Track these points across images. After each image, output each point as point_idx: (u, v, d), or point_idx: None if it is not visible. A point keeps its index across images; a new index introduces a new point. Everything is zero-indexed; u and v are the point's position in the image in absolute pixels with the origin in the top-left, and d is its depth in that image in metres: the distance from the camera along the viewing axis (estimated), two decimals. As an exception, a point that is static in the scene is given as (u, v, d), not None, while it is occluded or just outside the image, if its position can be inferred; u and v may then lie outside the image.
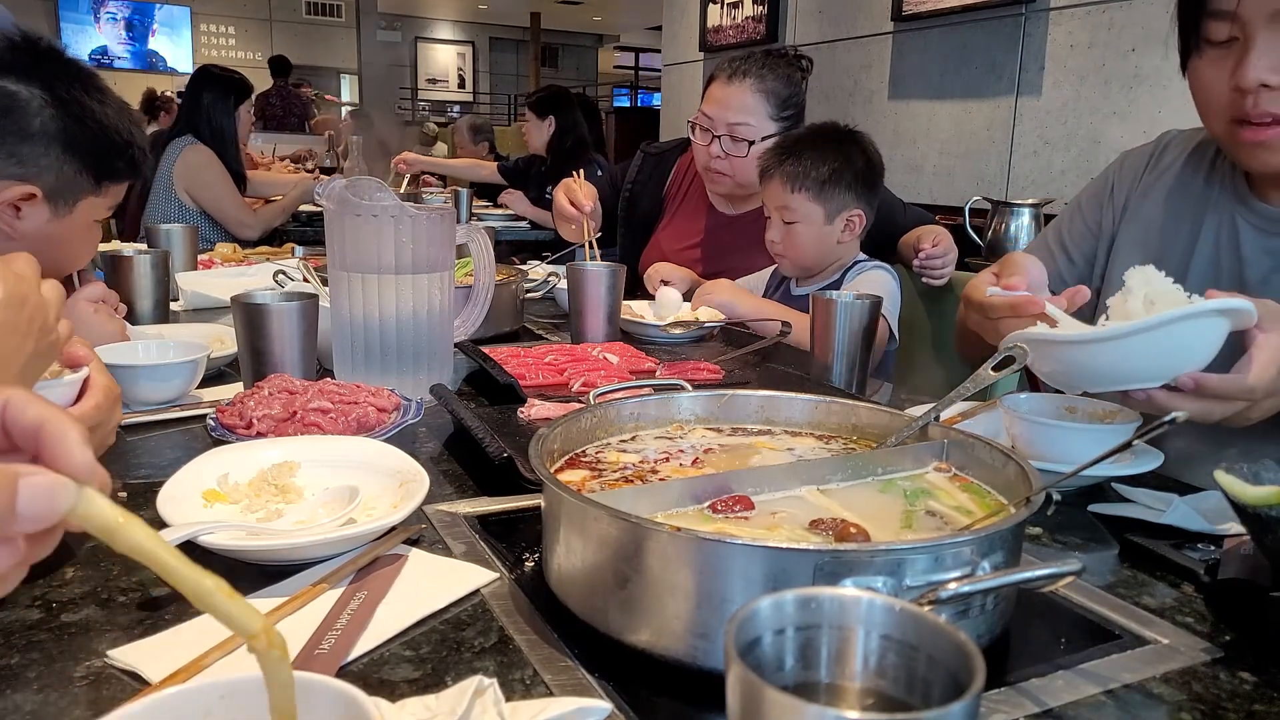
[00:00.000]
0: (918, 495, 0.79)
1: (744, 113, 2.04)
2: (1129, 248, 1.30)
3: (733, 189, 2.13)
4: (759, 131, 2.05)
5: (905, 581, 0.58)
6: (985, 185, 3.15)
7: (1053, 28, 2.96)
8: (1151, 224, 1.28)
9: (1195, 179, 1.26)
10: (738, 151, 2.06)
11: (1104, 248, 1.35)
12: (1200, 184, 1.25)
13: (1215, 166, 1.25)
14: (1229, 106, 1.08)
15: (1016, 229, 2.60)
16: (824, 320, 1.40)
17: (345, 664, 0.62)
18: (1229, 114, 1.08)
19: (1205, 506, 0.86)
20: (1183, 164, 1.29)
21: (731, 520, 0.73)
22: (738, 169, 2.08)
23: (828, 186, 1.79)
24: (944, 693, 0.44)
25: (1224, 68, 1.07)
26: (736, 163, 2.07)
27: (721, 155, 2.07)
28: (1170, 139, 1.34)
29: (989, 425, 1.08)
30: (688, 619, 0.61)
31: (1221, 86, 1.07)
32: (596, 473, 0.83)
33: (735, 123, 2.05)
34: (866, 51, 3.71)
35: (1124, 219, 1.33)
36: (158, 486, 0.81)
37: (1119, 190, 1.35)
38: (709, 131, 2.09)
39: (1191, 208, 1.25)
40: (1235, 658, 0.67)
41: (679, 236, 2.26)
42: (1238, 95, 1.05)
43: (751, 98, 2.05)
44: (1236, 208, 1.20)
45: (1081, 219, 1.38)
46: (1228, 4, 1.04)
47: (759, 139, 2.04)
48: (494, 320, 1.57)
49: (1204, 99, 1.12)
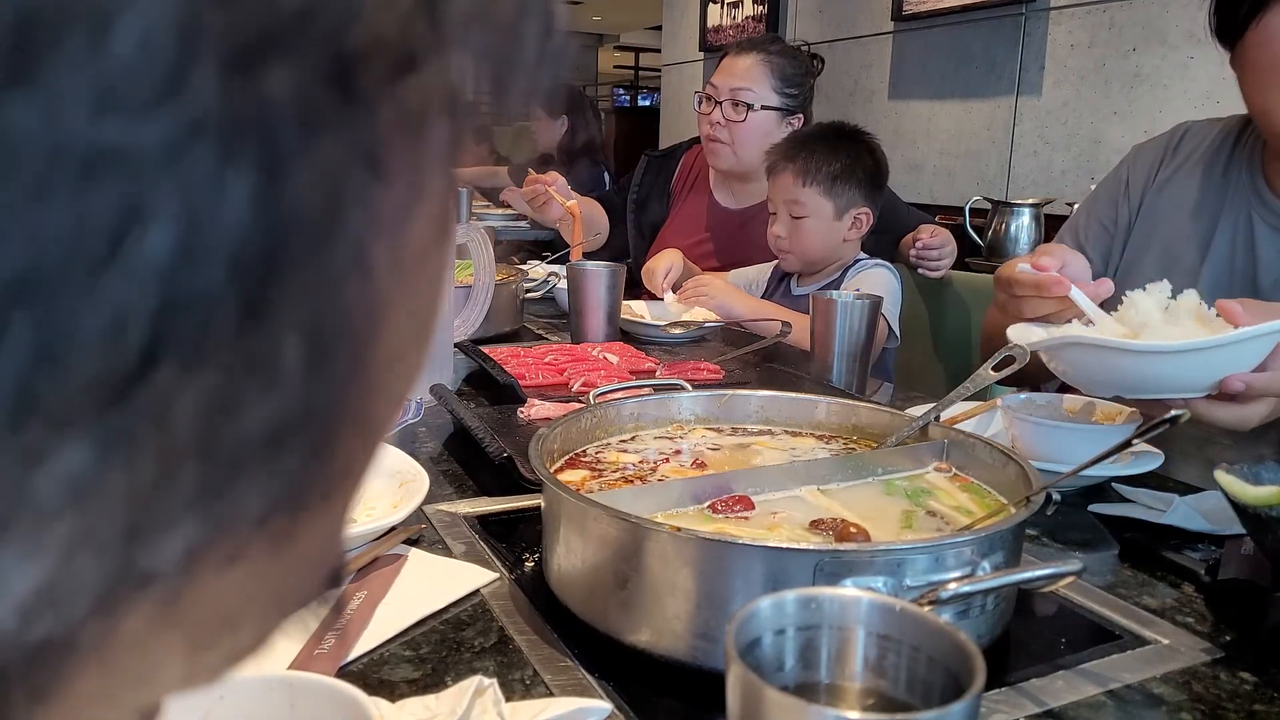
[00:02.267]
0: (918, 495, 0.79)
1: (747, 79, 2.08)
2: (1144, 244, 1.28)
3: (733, 163, 2.13)
4: (759, 99, 2.07)
5: (905, 581, 0.58)
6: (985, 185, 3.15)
7: (1053, 27, 2.95)
8: (1166, 221, 1.26)
9: (1212, 175, 1.23)
10: (736, 116, 2.07)
11: (1119, 245, 1.33)
12: (1217, 180, 1.23)
13: (1233, 162, 1.22)
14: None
15: (1017, 229, 2.59)
16: (824, 320, 1.40)
17: (345, 664, 0.62)
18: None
19: (1205, 506, 0.86)
20: (1199, 159, 1.26)
21: (731, 520, 0.73)
22: (736, 137, 2.09)
23: (839, 183, 1.79)
24: (944, 693, 0.44)
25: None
26: (735, 130, 2.08)
27: (722, 122, 2.09)
28: (1186, 130, 1.30)
29: (989, 425, 1.08)
30: (688, 619, 0.61)
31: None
32: (596, 473, 0.83)
33: (737, 87, 2.07)
34: (866, 51, 3.71)
35: (1139, 215, 1.30)
36: (158, 486, 0.81)
37: (1134, 185, 1.32)
38: (713, 100, 2.11)
39: (1208, 205, 1.22)
40: (1235, 658, 0.67)
41: (683, 232, 2.26)
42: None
43: (757, 67, 2.08)
44: (1254, 205, 1.18)
45: (1097, 217, 1.36)
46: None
47: (759, 106, 2.07)
48: (494, 320, 1.57)
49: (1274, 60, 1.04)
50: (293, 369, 0.15)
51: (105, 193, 0.12)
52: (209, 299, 0.14)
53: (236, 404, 0.14)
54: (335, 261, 0.15)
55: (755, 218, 2.10)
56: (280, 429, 0.15)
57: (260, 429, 0.15)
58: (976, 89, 3.23)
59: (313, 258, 0.15)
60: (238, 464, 0.15)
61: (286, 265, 0.14)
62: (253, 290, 0.14)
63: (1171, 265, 1.24)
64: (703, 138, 2.19)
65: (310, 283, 0.15)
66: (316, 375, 0.15)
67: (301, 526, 0.17)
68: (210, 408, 0.14)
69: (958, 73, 3.29)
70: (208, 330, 0.14)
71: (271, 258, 0.14)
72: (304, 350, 0.15)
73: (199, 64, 0.13)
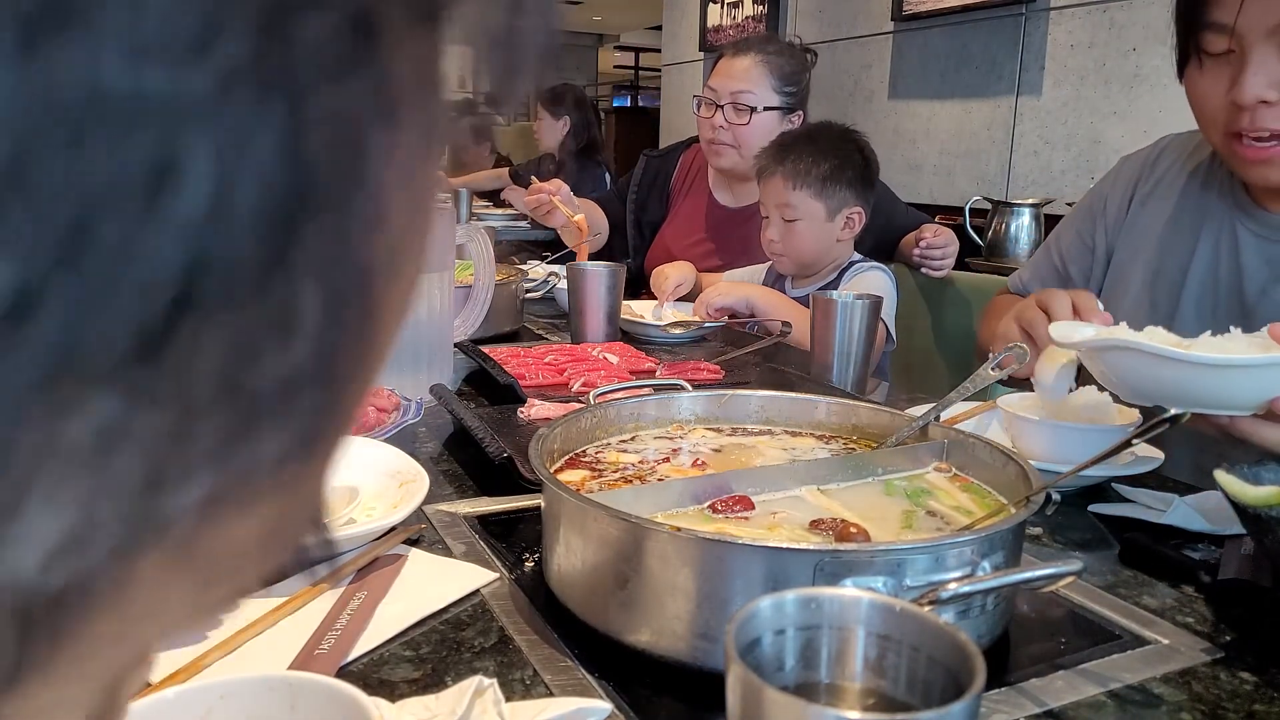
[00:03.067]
0: (918, 495, 0.79)
1: (747, 81, 2.08)
2: (1129, 258, 1.29)
3: (736, 162, 2.14)
4: (761, 100, 2.08)
5: (905, 581, 0.58)
6: (985, 185, 3.15)
7: (1053, 27, 2.96)
8: (1150, 233, 1.27)
9: (1193, 186, 1.25)
10: (740, 120, 2.08)
11: (1101, 261, 1.34)
12: (1198, 190, 1.24)
13: (1214, 172, 1.24)
14: (1226, 120, 1.06)
15: (1016, 229, 2.59)
16: (824, 320, 1.40)
17: (345, 664, 0.62)
18: (1226, 127, 1.07)
19: (1205, 506, 0.86)
20: (1180, 170, 1.27)
21: (731, 520, 0.73)
22: (741, 138, 2.10)
23: (829, 184, 1.80)
24: (944, 693, 0.44)
25: (1221, 80, 1.05)
26: (740, 132, 2.09)
27: (725, 125, 2.10)
28: (1166, 144, 1.32)
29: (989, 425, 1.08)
30: (688, 619, 0.61)
31: (1218, 99, 1.06)
32: (596, 473, 0.83)
33: (738, 90, 2.08)
34: (866, 51, 3.71)
35: (1123, 229, 1.32)
36: (158, 486, 0.81)
37: (1112, 202, 1.33)
38: (713, 104, 2.12)
39: (1190, 216, 1.23)
40: (1235, 658, 0.67)
41: (682, 232, 2.27)
42: (1235, 109, 1.04)
43: (756, 69, 2.09)
44: (1236, 215, 1.19)
45: (1076, 235, 1.38)
46: (1225, 17, 1.02)
47: (761, 108, 2.07)
48: (494, 320, 1.57)
49: (1201, 110, 1.11)
50: (312, 319, 0.15)
51: (143, 143, 0.12)
52: (238, 251, 0.14)
53: (258, 355, 0.15)
54: (355, 211, 0.15)
55: (754, 217, 2.10)
56: (297, 379, 0.15)
57: (278, 379, 0.15)
58: (976, 89, 3.23)
59: (335, 207, 0.15)
60: (256, 414, 0.15)
61: (312, 215, 0.14)
62: (279, 241, 0.14)
63: (1156, 276, 1.24)
64: (703, 141, 2.19)
65: (332, 233, 0.15)
66: (333, 325, 0.16)
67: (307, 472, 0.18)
68: (234, 359, 0.14)
69: (958, 73, 3.29)
70: (234, 282, 0.14)
71: (298, 208, 0.14)
72: (323, 300, 0.15)
73: (236, 13, 0.13)
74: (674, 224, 2.31)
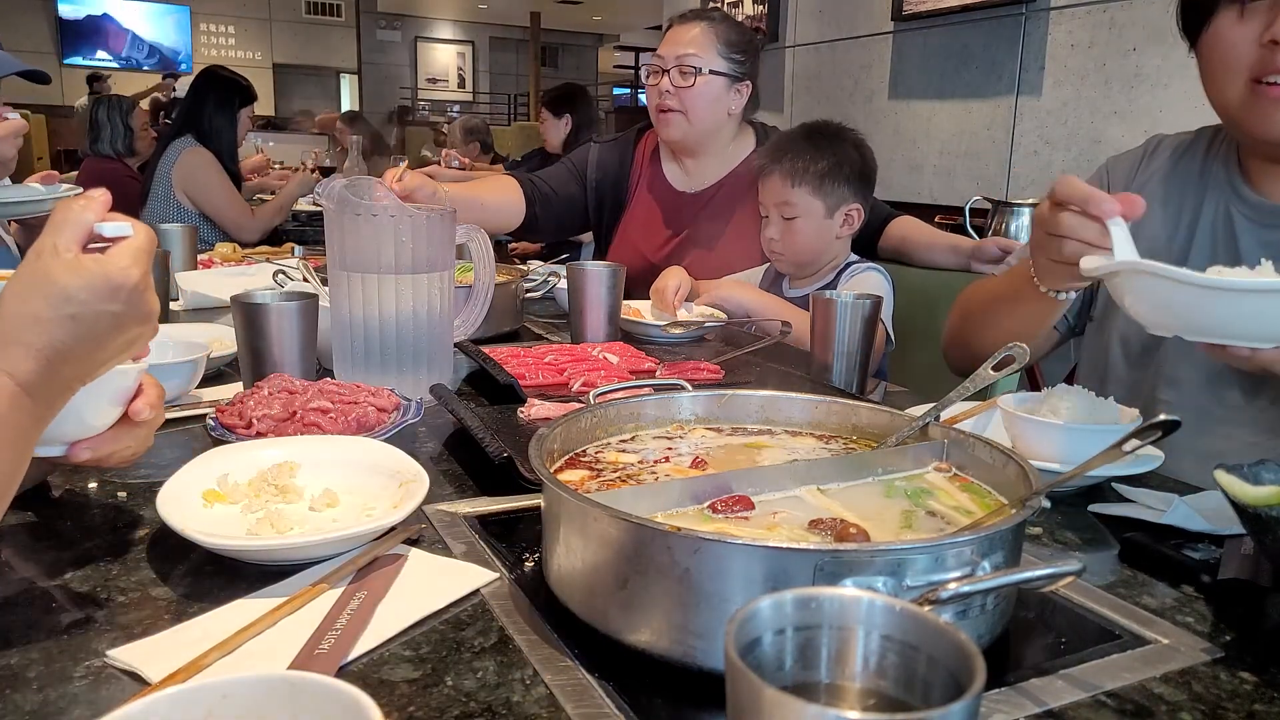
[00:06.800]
0: (918, 495, 0.79)
1: (692, 45, 2.10)
2: None
3: (686, 130, 2.13)
4: (706, 64, 2.08)
5: (905, 581, 0.58)
6: (985, 185, 3.15)
7: (1053, 27, 2.95)
8: (1147, 221, 1.28)
9: (1190, 173, 1.27)
10: (685, 82, 2.09)
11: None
12: (1194, 178, 1.26)
13: (1209, 160, 1.25)
14: (1255, 65, 1.08)
15: (1016, 229, 2.59)
16: (824, 320, 1.40)
17: (345, 664, 0.62)
18: (1252, 73, 1.08)
19: (1205, 506, 0.86)
20: (1175, 161, 1.29)
21: (731, 520, 0.73)
22: (688, 103, 2.10)
23: (827, 181, 1.81)
24: (944, 693, 0.44)
25: (1252, 25, 1.07)
26: (685, 95, 2.10)
27: (670, 90, 2.11)
28: (1158, 142, 1.34)
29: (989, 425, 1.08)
30: (688, 619, 0.61)
31: (1248, 45, 1.08)
32: (596, 473, 0.83)
33: (683, 54, 2.09)
34: (866, 51, 3.71)
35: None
36: (158, 486, 0.81)
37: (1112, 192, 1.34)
38: (660, 70, 2.13)
39: (1187, 202, 1.25)
40: (1235, 658, 0.67)
41: (642, 223, 2.26)
42: (1267, 51, 1.05)
43: (702, 35, 2.11)
44: (1232, 200, 1.21)
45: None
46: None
47: (707, 70, 2.08)
48: (494, 320, 1.57)
49: (1223, 61, 1.12)
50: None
51: None
52: None
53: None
54: None
55: (713, 199, 2.12)
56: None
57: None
58: (976, 89, 3.23)
59: None
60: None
61: None
62: None
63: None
64: (652, 110, 2.20)
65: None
66: None
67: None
68: None
69: (958, 73, 3.29)
70: None
71: None
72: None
73: None
74: (633, 216, 2.29)
